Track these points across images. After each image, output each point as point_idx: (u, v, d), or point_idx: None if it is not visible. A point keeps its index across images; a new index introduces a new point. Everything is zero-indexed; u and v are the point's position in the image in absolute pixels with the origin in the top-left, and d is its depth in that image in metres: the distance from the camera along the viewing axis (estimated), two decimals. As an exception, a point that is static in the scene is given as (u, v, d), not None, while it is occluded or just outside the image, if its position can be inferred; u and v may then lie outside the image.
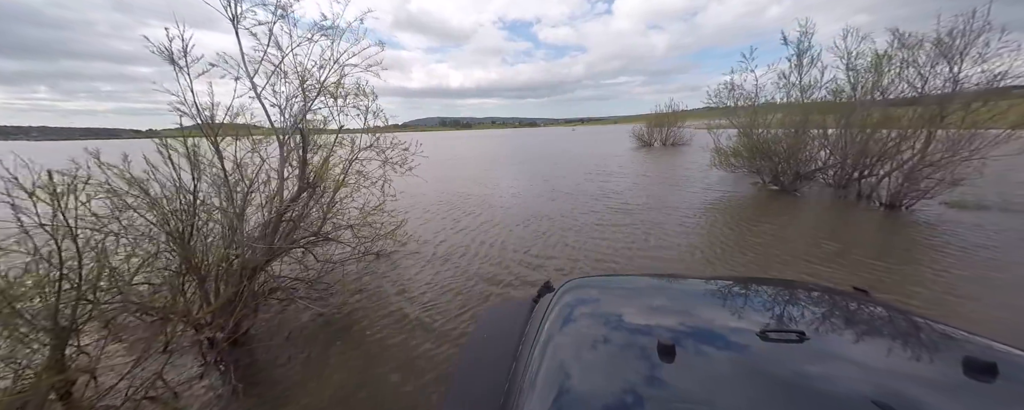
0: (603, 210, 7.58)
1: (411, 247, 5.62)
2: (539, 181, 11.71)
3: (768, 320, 1.10)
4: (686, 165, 14.44)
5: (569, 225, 6.60)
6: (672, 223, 6.60)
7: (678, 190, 9.31)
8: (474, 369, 1.29)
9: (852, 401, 0.76)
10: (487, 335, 1.48)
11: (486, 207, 8.30)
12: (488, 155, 24.44)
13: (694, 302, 1.28)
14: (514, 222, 6.97)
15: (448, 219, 7.36)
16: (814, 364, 0.89)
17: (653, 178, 11.44)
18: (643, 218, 6.91)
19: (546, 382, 0.92)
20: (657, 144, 25.51)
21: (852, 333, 1.05)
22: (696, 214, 7.09)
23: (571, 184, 10.86)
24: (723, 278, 1.58)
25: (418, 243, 5.83)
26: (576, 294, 1.32)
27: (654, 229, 6.22)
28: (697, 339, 1.02)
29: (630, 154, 20.50)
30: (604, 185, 10.44)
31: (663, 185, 10.10)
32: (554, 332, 1.10)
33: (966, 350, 0.88)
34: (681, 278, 1.48)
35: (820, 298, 1.26)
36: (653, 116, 25.84)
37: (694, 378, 0.86)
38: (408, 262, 5.07)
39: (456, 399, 1.19)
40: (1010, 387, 0.79)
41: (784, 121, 8.48)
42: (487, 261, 5.06)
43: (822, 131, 8.26)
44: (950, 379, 0.83)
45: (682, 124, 24.86)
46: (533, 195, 9.48)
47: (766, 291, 1.34)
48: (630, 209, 7.62)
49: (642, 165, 15.12)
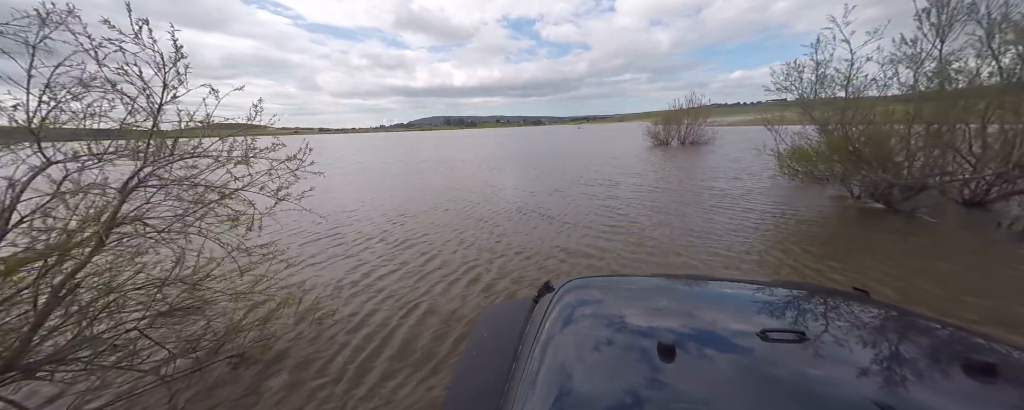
0: (607, 257, 4.84)
1: (313, 335, 3.22)
2: (522, 203, 8.96)
3: (768, 320, 1.09)
4: (715, 169, 11.87)
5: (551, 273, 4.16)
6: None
7: (718, 210, 6.75)
8: (474, 369, 1.25)
9: (852, 401, 0.75)
10: (487, 335, 1.44)
11: (447, 243, 5.90)
12: (481, 159, 21.94)
13: (694, 302, 1.27)
14: (468, 274, 4.48)
15: (405, 270, 4.74)
16: (814, 365, 0.87)
17: (677, 191, 8.76)
18: (668, 266, 4.46)
19: (546, 382, 0.91)
20: (674, 143, 22.93)
21: (852, 333, 1.01)
22: (757, 256, 4.58)
23: (569, 204, 8.41)
24: (723, 279, 1.62)
25: (332, 323, 3.39)
26: (576, 294, 1.30)
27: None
28: (697, 339, 1.00)
29: (645, 155, 17.93)
30: (611, 207, 7.96)
31: (692, 202, 7.45)
32: (554, 332, 1.10)
33: (966, 350, 0.89)
34: (681, 278, 1.50)
35: (820, 298, 1.26)
36: (669, 113, 23.25)
37: (694, 378, 0.85)
38: (295, 375, 2.69)
39: (456, 399, 1.17)
40: (1010, 387, 0.78)
41: (913, 112, 5.73)
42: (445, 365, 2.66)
43: (963, 126, 5.68)
44: (950, 379, 0.81)
45: (704, 121, 22.24)
46: (513, 216, 7.10)
47: (766, 291, 1.32)
48: (645, 247, 5.12)
49: (661, 170, 12.44)
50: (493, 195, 9.25)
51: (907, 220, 5.74)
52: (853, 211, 6.40)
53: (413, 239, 5.78)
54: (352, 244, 5.63)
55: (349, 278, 4.36)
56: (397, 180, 12.99)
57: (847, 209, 6.55)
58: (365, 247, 5.48)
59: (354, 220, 7.16)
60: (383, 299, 3.80)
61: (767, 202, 7.16)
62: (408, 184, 11.82)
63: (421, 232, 6.15)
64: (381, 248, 5.41)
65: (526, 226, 6.30)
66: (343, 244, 5.66)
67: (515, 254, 4.96)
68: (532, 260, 4.74)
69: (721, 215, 6.39)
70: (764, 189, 8.45)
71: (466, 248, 5.28)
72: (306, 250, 5.40)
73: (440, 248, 5.31)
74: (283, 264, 3.60)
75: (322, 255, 5.19)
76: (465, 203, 8.39)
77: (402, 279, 4.30)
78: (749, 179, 9.84)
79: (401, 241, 5.71)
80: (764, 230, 5.57)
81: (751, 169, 11.59)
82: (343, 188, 11.35)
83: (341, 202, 8.97)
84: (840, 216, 6.19)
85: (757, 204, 7.05)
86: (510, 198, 8.79)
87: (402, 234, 6.10)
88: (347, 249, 5.41)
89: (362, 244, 5.62)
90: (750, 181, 9.51)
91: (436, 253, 5.11)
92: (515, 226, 6.34)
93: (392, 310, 3.57)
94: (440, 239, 5.75)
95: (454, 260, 4.83)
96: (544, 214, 7.04)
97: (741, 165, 12.56)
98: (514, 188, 10.20)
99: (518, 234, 5.88)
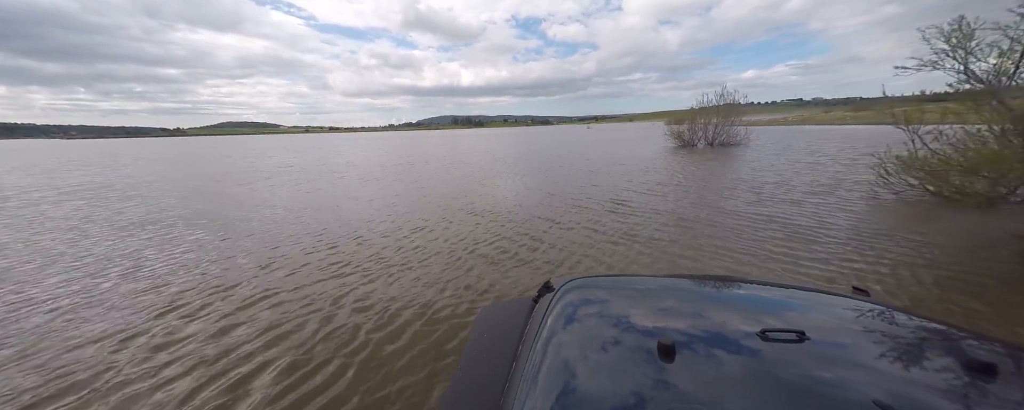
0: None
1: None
2: (508, 236, 6.49)
3: (768, 320, 1.07)
4: (767, 182, 9.28)
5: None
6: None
7: (805, 262, 4.29)
8: (473, 368, 1.21)
9: (852, 401, 0.74)
10: (486, 335, 1.39)
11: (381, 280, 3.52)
12: (473, 164, 19.50)
13: (694, 302, 1.26)
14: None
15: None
16: (814, 364, 0.86)
17: (730, 221, 6.18)
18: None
19: (546, 382, 0.89)
20: (701, 145, 20.33)
21: (852, 333, 1.00)
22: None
23: (562, 252, 5.96)
24: (723, 278, 1.52)
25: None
26: (576, 294, 1.29)
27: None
28: (697, 339, 0.99)
29: (669, 160, 15.37)
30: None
31: (761, 254, 4.83)
32: (554, 332, 1.08)
33: (966, 350, 0.88)
34: (681, 278, 1.47)
35: (820, 298, 1.25)
36: (695, 110, 20.65)
37: (694, 378, 0.85)
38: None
39: (455, 398, 1.13)
40: (1010, 387, 0.78)
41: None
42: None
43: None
44: (950, 379, 0.81)
45: (737, 120, 19.59)
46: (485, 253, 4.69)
47: (766, 291, 1.33)
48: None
49: (696, 185, 9.77)
50: (507, 213, 6.90)
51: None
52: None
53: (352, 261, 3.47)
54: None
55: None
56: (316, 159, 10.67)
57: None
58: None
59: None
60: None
61: (898, 248, 4.52)
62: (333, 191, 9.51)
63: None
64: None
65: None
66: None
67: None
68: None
69: (810, 269, 3.94)
70: (864, 218, 5.89)
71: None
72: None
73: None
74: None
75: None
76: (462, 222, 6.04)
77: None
78: (825, 199, 7.23)
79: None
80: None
81: (821, 181, 9.02)
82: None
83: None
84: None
85: (873, 251, 4.47)
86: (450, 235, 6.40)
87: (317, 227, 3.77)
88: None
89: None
90: (831, 204, 6.86)
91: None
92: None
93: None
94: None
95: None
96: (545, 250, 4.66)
97: (800, 176, 9.99)
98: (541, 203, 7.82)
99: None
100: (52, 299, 3.91)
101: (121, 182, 13.54)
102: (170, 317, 3.52)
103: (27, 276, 4.57)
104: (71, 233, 6.57)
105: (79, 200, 9.91)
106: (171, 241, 5.93)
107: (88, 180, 14.32)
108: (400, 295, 3.81)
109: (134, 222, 7.29)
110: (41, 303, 3.82)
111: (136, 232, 6.53)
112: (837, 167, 11.37)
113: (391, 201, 8.89)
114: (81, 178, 15.01)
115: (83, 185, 12.91)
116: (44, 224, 7.29)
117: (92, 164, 22.14)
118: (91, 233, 6.55)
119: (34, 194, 11.09)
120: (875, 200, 6.82)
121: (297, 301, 3.76)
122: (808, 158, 13.72)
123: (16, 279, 4.48)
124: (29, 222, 7.49)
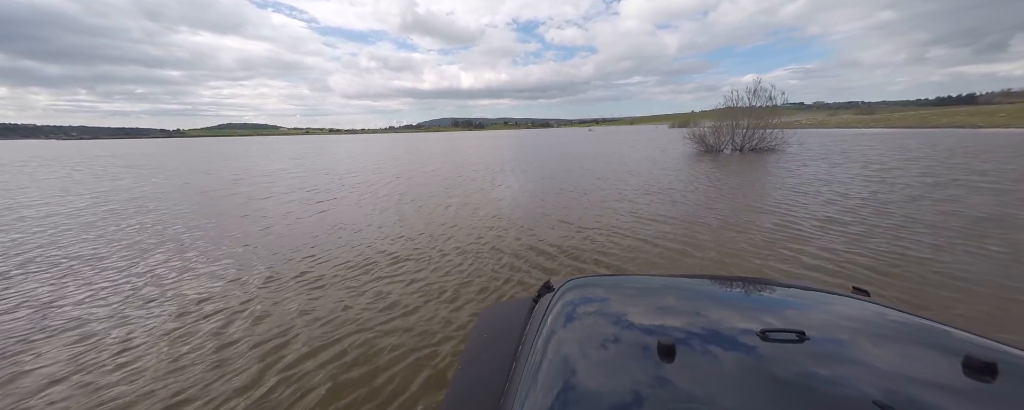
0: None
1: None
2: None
3: (768, 320, 1.05)
4: (855, 206, 7.04)
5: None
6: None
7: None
8: (473, 368, 1.18)
9: (852, 401, 0.73)
10: (486, 334, 1.36)
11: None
12: (467, 170, 17.10)
13: (694, 302, 1.24)
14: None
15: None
16: (814, 364, 0.84)
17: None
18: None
19: (545, 381, 0.88)
20: (728, 150, 17.99)
21: (852, 333, 0.97)
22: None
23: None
24: (723, 278, 1.48)
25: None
26: (576, 293, 1.28)
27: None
28: (697, 339, 0.97)
29: (695, 170, 13.03)
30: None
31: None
32: (554, 331, 1.07)
33: (966, 350, 0.86)
34: (681, 278, 1.46)
35: (820, 298, 1.22)
36: (723, 110, 18.31)
37: (694, 378, 0.83)
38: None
39: (456, 397, 1.10)
40: (1010, 387, 0.76)
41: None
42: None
43: None
44: (950, 379, 0.79)
45: (771, 121, 17.24)
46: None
47: (766, 291, 1.31)
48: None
49: (740, 209, 7.70)
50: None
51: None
52: None
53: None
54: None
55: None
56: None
57: None
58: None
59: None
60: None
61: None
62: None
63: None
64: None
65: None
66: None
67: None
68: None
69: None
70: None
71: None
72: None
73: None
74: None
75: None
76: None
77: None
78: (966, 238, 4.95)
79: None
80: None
81: (921, 217, 6.70)
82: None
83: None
84: None
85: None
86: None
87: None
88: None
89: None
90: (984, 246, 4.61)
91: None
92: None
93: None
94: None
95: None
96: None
97: (889, 190, 7.66)
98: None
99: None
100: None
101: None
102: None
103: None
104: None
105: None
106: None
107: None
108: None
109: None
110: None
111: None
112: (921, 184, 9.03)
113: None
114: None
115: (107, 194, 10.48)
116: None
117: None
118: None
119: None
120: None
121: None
122: (855, 164, 11.37)
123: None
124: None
